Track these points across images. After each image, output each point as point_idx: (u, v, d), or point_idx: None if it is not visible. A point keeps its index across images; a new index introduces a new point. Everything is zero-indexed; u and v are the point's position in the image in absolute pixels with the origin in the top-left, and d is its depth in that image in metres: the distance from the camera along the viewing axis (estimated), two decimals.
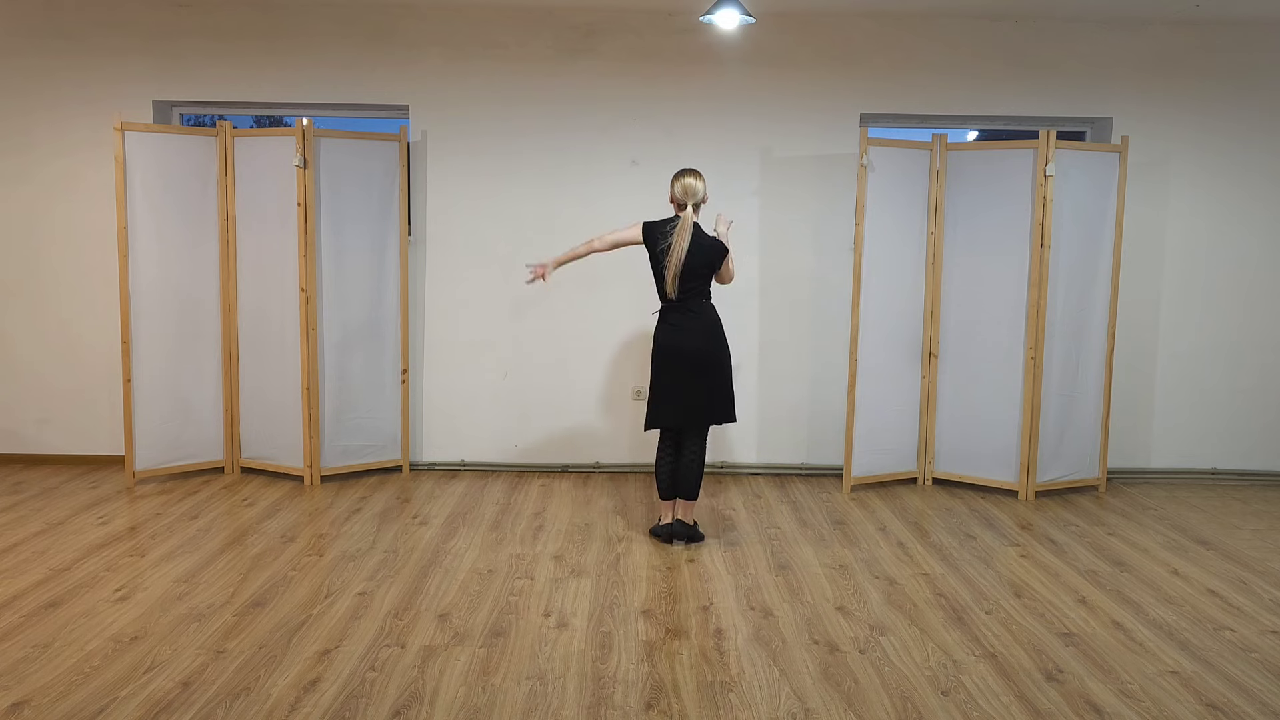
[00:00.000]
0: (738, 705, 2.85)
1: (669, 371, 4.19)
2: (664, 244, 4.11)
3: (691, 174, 4.16)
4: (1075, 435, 5.25)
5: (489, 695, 2.89)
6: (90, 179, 5.44)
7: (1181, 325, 5.63)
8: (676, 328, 4.18)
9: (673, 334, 4.18)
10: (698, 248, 4.11)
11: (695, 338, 4.16)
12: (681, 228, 4.10)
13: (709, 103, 5.49)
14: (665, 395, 4.21)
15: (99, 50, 5.40)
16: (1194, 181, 5.55)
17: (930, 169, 5.25)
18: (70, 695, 2.84)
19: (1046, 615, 3.57)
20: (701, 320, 4.18)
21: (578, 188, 5.54)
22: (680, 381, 4.18)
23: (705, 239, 4.15)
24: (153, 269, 5.09)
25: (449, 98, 5.47)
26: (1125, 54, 5.49)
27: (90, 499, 4.89)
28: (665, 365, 4.19)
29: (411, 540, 4.32)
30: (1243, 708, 2.88)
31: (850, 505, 5.01)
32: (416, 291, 5.56)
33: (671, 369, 4.18)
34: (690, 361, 4.16)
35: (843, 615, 3.55)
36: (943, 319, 5.34)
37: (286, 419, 5.21)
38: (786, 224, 5.53)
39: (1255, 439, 5.71)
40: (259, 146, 5.15)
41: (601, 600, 3.65)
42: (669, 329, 4.20)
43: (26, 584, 3.71)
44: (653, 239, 4.17)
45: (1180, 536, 4.57)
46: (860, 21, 5.46)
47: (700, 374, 4.17)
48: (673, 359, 4.17)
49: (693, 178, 4.14)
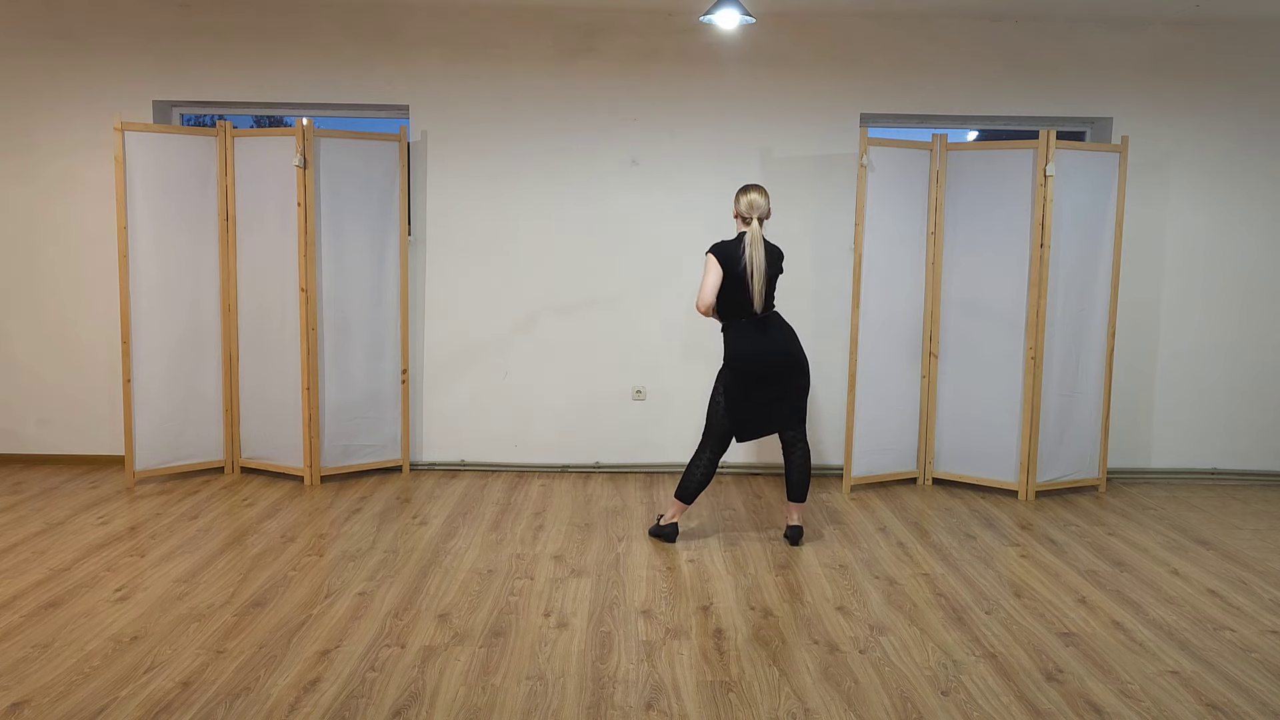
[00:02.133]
0: (738, 705, 2.85)
1: (755, 388, 4.20)
2: (742, 262, 4.12)
3: (755, 189, 4.19)
4: (1075, 435, 5.25)
5: (489, 695, 2.89)
6: (90, 179, 5.44)
7: (1181, 325, 5.63)
8: (765, 337, 4.20)
9: (763, 343, 4.19)
10: (770, 257, 4.19)
11: (785, 344, 4.22)
12: (754, 241, 4.12)
13: (709, 103, 5.49)
14: (756, 407, 4.23)
15: (99, 50, 5.40)
16: (1194, 181, 5.55)
17: (930, 169, 5.25)
18: (70, 695, 2.84)
19: (1046, 615, 3.57)
20: (785, 329, 4.26)
21: (578, 188, 5.54)
22: (777, 390, 4.23)
23: (771, 247, 4.23)
24: (153, 269, 5.10)
25: (449, 98, 5.47)
26: (1125, 54, 5.49)
27: (90, 499, 4.89)
28: (752, 382, 4.20)
29: (411, 540, 4.32)
30: (1243, 708, 2.88)
31: (850, 505, 5.01)
32: (416, 291, 5.56)
33: (758, 386, 4.20)
34: (784, 365, 4.20)
35: (843, 615, 3.55)
36: (943, 319, 5.34)
37: (286, 419, 5.21)
38: (786, 224, 5.52)
39: (1255, 439, 5.70)
40: (259, 146, 5.15)
41: (601, 600, 3.65)
42: (758, 338, 4.19)
43: (26, 584, 3.71)
44: (729, 260, 4.14)
45: (1180, 536, 4.57)
46: (860, 21, 5.46)
47: (790, 378, 4.23)
48: (763, 376, 4.19)
49: (756, 193, 4.17)
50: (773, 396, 4.23)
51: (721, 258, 4.14)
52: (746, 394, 4.22)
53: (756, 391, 4.21)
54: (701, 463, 4.27)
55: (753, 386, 4.21)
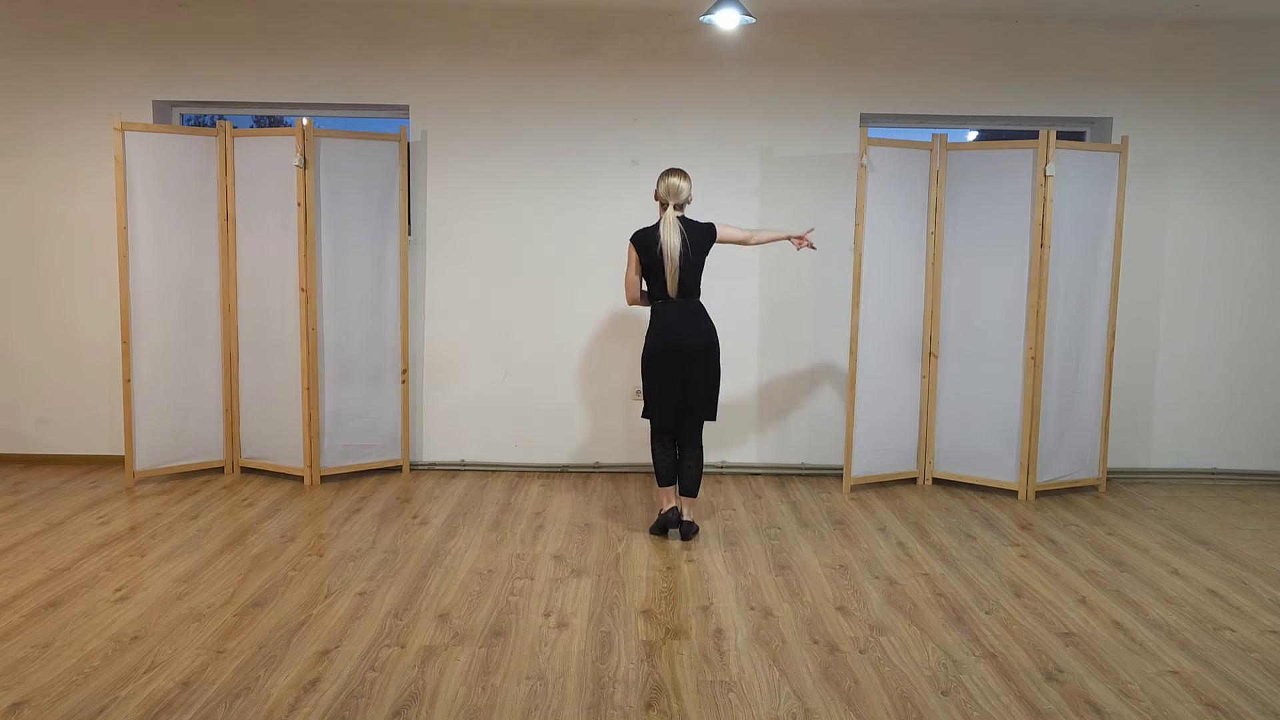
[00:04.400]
0: (738, 705, 2.85)
1: (669, 369, 4.22)
2: (658, 246, 4.15)
3: (676, 174, 4.22)
4: (1075, 435, 5.25)
5: (489, 695, 2.89)
6: (90, 179, 5.44)
7: (1181, 325, 5.63)
8: (676, 325, 4.21)
9: (673, 331, 4.21)
10: (689, 239, 4.17)
11: (695, 335, 4.22)
12: (666, 224, 4.14)
13: (709, 103, 5.49)
14: (665, 393, 4.25)
15: (99, 50, 5.40)
16: (1194, 181, 5.55)
17: (930, 169, 5.25)
18: (70, 695, 2.84)
19: (1046, 615, 3.57)
20: (701, 318, 4.26)
21: (578, 188, 5.54)
22: (679, 377, 4.23)
23: (695, 226, 4.22)
24: (153, 269, 5.09)
25: (449, 98, 5.47)
26: (1125, 54, 5.49)
27: (90, 499, 4.89)
28: (666, 362, 4.22)
29: (411, 540, 4.32)
30: (1243, 708, 2.88)
31: (850, 505, 5.01)
32: (416, 291, 5.56)
33: (672, 366, 4.22)
34: (690, 357, 4.20)
35: (843, 615, 3.55)
36: (943, 319, 5.34)
37: (286, 419, 5.21)
38: (786, 224, 5.53)
39: (1255, 439, 5.70)
40: (259, 146, 5.15)
41: (601, 600, 3.65)
42: (668, 326, 4.22)
43: (26, 584, 3.71)
44: (646, 246, 4.20)
45: (1180, 536, 4.57)
46: (860, 21, 5.46)
47: (696, 370, 4.22)
48: (674, 356, 4.21)
49: (677, 177, 4.20)
50: (677, 382, 4.24)
51: (639, 245, 4.22)
52: (654, 377, 4.27)
53: (663, 375, 4.24)
54: (655, 449, 4.36)
55: (658, 370, 4.24)
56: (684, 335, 4.21)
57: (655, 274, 4.22)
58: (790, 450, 5.68)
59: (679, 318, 4.22)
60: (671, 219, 4.16)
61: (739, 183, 5.52)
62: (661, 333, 4.23)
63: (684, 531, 4.39)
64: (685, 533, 4.39)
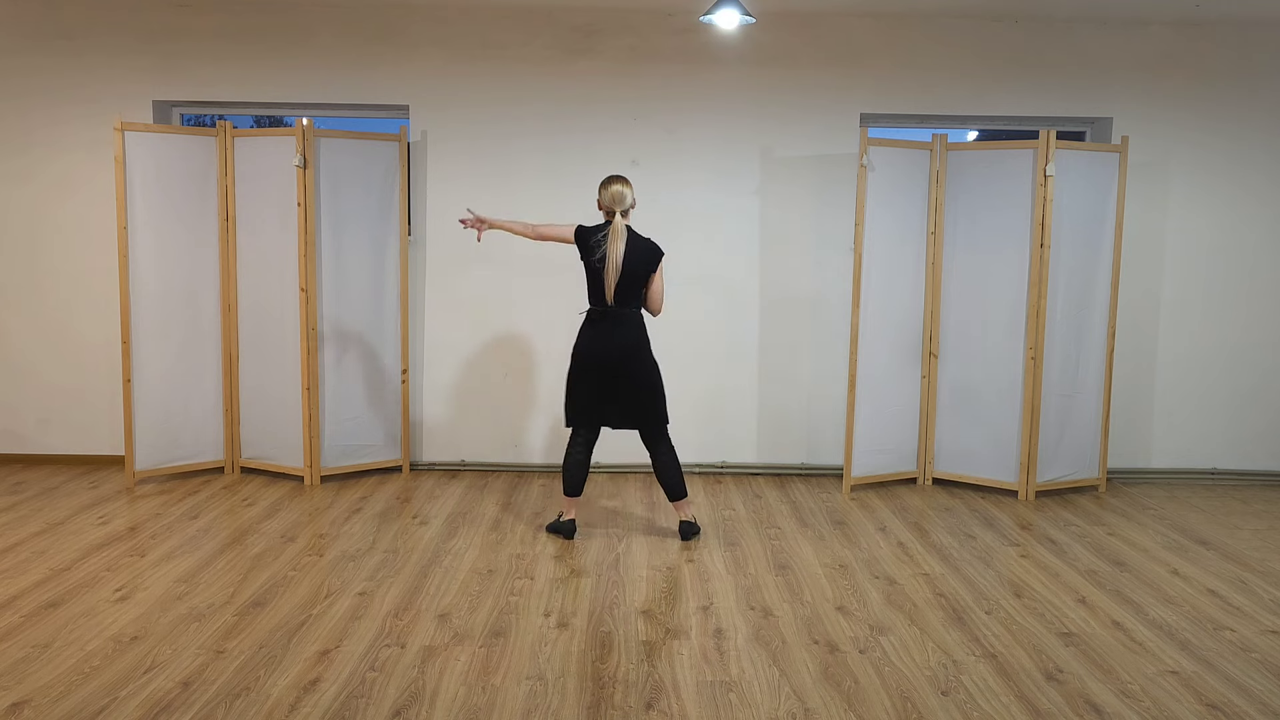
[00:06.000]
0: (738, 705, 2.85)
1: (586, 379, 4.25)
2: (599, 252, 4.15)
3: (620, 181, 4.22)
4: (1075, 435, 5.25)
5: (489, 695, 2.89)
6: (90, 179, 5.43)
7: (1181, 325, 5.63)
8: (595, 336, 4.22)
9: (592, 342, 4.22)
10: (634, 251, 4.17)
11: (613, 346, 4.20)
12: (613, 234, 4.14)
13: (709, 103, 5.49)
14: (583, 400, 4.27)
15: (99, 50, 5.40)
16: (1194, 181, 5.55)
17: (930, 169, 5.25)
18: (70, 695, 2.84)
19: (1046, 615, 3.57)
20: (624, 328, 4.21)
21: (578, 188, 5.53)
22: (598, 388, 4.24)
23: (641, 241, 4.21)
24: (153, 269, 5.09)
25: (449, 98, 5.47)
26: (1125, 54, 5.49)
27: (90, 499, 4.89)
28: (584, 373, 4.25)
29: (411, 540, 4.32)
30: (1243, 708, 2.88)
31: (850, 505, 5.01)
32: (416, 291, 5.56)
33: (589, 377, 4.24)
34: (611, 373, 4.21)
35: (843, 615, 3.55)
36: (943, 319, 5.34)
37: (286, 419, 5.21)
38: (786, 224, 5.53)
39: (1255, 439, 5.70)
40: (259, 146, 5.15)
41: (601, 600, 3.65)
42: (589, 337, 4.23)
43: (26, 584, 3.71)
44: (586, 245, 4.21)
45: (1180, 536, 4.57)
46: (860, 21, 5.46)
47: (621, 384, 4.23)
48: (593, 369, 4.22)
49: (621, 184, 4.20)
50: (601, 395, 4.24)
51: (578, 237, 4.22)
52: (576, 382, 4.27)
53: (584, 383, 4.25)
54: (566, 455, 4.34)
55: (580, 378, 4.25)
56: (601, 346, 4.20)
57: (594, 280, 4.22)
58: (790, 450, 5.68)
59: (601, 328, 4.21)
60: (620, 228, 4.15)
61: (739, 183, 5.52)
62: (582, 343, 4.25)
63: (684, 532, 4.39)
64: (685, 533, 4.39)
